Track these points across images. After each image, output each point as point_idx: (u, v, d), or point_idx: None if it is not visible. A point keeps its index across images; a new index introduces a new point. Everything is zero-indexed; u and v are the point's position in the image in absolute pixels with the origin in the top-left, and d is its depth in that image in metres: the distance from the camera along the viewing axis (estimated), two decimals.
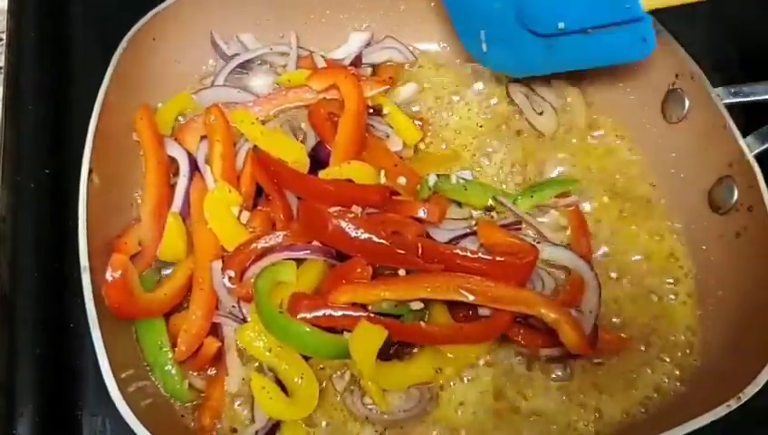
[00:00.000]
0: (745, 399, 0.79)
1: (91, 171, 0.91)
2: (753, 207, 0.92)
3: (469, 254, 0.91)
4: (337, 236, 0.88)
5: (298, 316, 0.85)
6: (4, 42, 1.15)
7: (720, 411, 0.78)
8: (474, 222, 1.01)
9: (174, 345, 0.89)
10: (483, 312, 0.90)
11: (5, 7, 1.16)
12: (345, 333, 0.86)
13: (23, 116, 1.07)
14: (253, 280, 0.88)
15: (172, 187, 0.98)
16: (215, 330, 0.91)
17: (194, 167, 0.99)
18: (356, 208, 0.91)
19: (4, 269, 0.96)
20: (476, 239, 0.96)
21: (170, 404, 0.89)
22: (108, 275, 0.86)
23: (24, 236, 0.99)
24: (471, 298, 0.87)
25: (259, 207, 0.97)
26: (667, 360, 0.94)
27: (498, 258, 0.90)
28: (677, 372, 0.94)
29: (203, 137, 1.01)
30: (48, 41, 1.15)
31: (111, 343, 0.82)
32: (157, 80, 1.06)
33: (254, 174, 0.97)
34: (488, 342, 0.91)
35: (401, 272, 0.89)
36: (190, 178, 0.98)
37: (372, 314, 0.86)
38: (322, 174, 0.97)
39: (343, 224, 0.87)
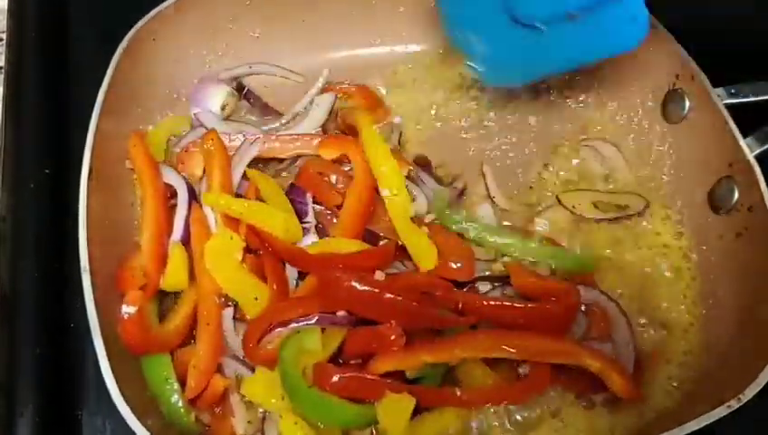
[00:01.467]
0: (745, 399, 0.78)
1: (91, 171, 0.91)
2: (753, 207, 0.92)
3: (511, 304, 0.89)
4: (364, 304, 0.84)
5: (325, 388, 0.82)
6: (4, 42, 1.15)
7: (720, 411, 0.78)
8: (500, 264, 0.98)
9: (179, 379, 0.87)
10: (522, 370, 0.87)
11: (5, 7, 1.16)
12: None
13: (23, 116, 1.07)
14: (270, 346, 0.86)
15: (171, 208, 0.96)
16: (219, 367, 0.89)
17: (192, 194, 0.97)
18: (379, 274, 0.88)
19: (4, 269, 0.96)
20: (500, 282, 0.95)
21: None
22: (123, 312, 0.85)
23: (24, 236, 0.99)
24: (513, 353, 0.85)
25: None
26: (667, 360, 0.94)
27: (546, 305, 0.88)
28: (678, 372, 0.93)
29: None
30: (48, 41, 1.16)
31: (111, 344, 0.82)
32: (157, 80, 1.06)
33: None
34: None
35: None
36: (189, 206, 0.95)
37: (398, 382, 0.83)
38: (310, 249, 0.92)
39: (368, 289, 0.83)
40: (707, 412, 0.78)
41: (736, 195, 0.94)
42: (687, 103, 1.02)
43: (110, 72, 0.97)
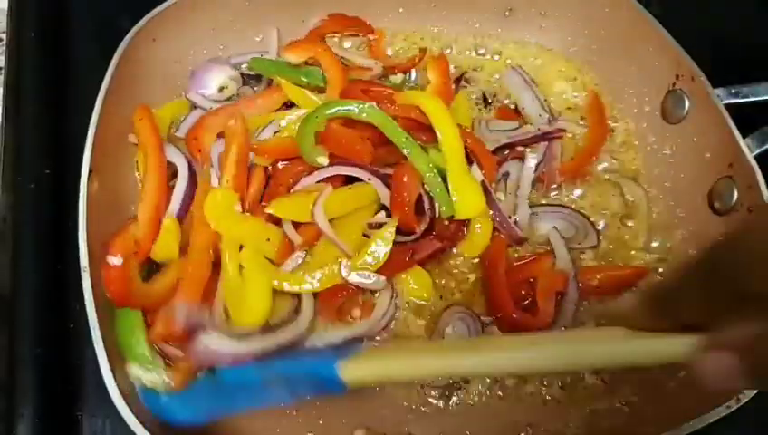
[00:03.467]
0: (745, 399, 0.79)
1: (91, 171, 0.90)
2: (753, 208, 0.92)
3: None
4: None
5: None
6: (4, 42, 1.15)
7: (720, 411, 0.78)
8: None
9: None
10: None
11: (5, 7, 1.17)
12: None
13: (23, 116, 1.07)
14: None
15: (170, 188, 0.98)
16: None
17: (192, 171, 0.99)
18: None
19: (5, 269, 0.96)
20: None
21: None
22: (109, 260, 0.87)
23: (24, 236, 0.99)
24: None
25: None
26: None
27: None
28: (677, 372, 0.93)
29: (219, 134, 1.02)
30: (48, 41, 1.15)
31: (112, 344, 0.82)
32: (157, 80, 1.06)
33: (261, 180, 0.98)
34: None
35: None
36: (189, 183, 0.98)
37: None
38: None
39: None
40: (707, 412, 0.78)
41: (736, 195, 0.94)
42: (687, 103, 1.02)
43: (110, 72, 0.97)
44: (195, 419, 0.83)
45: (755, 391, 0.79)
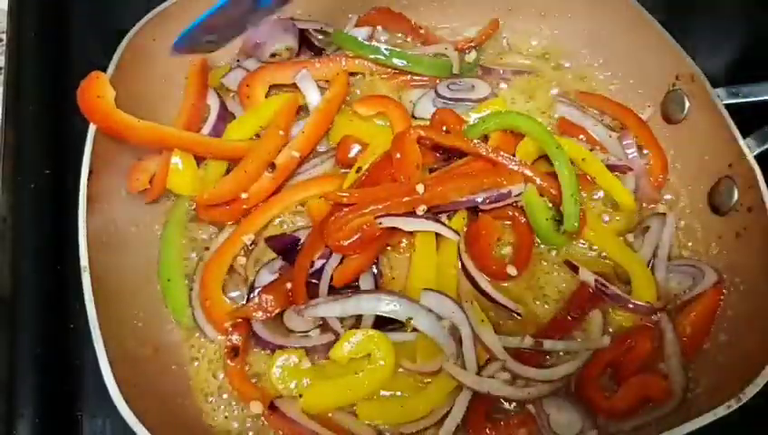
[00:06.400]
0: (745, 399, 0.79)
1: (90, 171, 0.91)
2: (752, 208, 0.92)
3: None
4: None
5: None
6: (4, 42, 1.15)
7: (720, 411, 0.78)
8: None
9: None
10: None
11: (5, 7, 1.17)
12: None
13: (23, 116, 1.07)
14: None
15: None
16: None
17: (222, 112, 1.07)
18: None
19: (5, 270, 0.96)
20: None
21: (170, 404, 0.89)
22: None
23: (24, 237, 0.99)
24: None
25: None
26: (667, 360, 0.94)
27: None
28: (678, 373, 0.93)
29: (271, 87, 1.09)
30: (48, 41, 1.16)
31: (111, 344, 0.82)
32: (157, 80, 1.06)
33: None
34: None
35: None
36: (218, 118, 1.06)
37: None
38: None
39: None
40: (707, 412, 0.78)
41: (736, 195, 0.95)
42: (687, 104, 1.02)
43: (110, 72, 0.97)
44: None
45: (755, 391, 0.79)
